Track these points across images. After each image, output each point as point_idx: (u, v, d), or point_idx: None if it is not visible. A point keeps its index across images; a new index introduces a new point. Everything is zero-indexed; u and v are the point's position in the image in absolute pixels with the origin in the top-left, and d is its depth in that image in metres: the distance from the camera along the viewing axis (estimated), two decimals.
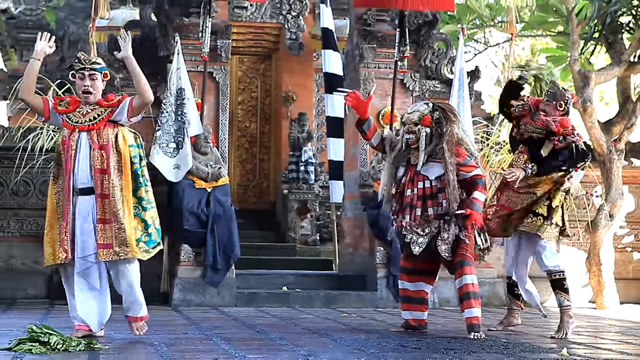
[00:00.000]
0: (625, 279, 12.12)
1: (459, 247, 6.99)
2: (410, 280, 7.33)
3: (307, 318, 8.58)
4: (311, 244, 14.70)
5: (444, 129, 6.99)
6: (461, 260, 6.97)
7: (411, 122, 7.10)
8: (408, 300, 7.35)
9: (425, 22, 11.55)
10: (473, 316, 6.90)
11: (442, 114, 7.05)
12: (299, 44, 15.52)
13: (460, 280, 6.97)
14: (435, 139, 7.02)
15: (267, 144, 16.26)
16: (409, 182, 7.09)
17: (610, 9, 11.60)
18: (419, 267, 7.29)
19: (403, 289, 7.40)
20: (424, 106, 7.20)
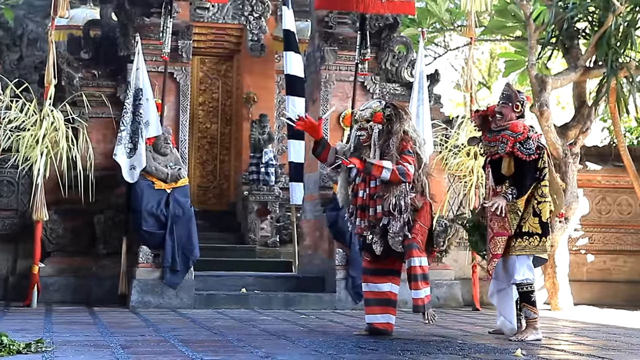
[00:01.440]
0: (579, 280, 12.26)
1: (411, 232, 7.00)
2: (374, 281, 7.27)
3: (265, 320, 8.61)
4: (271, 245, 14.72)
5: (393, 127, 7.00)
6: (410, 244, 6.97)
7: (363, 119, 7.10)
8: (372, 303, 7.26)
9: (386, 25, 11.63)
10: (419, 297, 6.99)
11: (393, 111, 7.06)
12: (261, 45, 15.53)
13: (408, 261, 7.00)
14: (385, 136, 7.02)
15: (227, 145, 16.25)
16: (361, 183, 7.11)
17: (567, 15, 11.74)
18: (382, 267, 7.25)
19: (366, 291, 7.32)
20: (377, 103, 7.21)
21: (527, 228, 7.05)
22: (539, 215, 7.07)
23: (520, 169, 7.05)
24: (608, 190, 12.82)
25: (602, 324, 9.22)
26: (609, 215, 12.78)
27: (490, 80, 24.06)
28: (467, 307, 11.01)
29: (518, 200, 7.00)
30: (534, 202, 7.08)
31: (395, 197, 6.92)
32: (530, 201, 7.08)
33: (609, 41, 11.50)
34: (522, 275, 7.07)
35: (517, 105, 7.20)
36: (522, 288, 7.11)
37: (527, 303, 7.11)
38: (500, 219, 7.03)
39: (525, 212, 7.07)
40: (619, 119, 12.35)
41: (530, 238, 7.05)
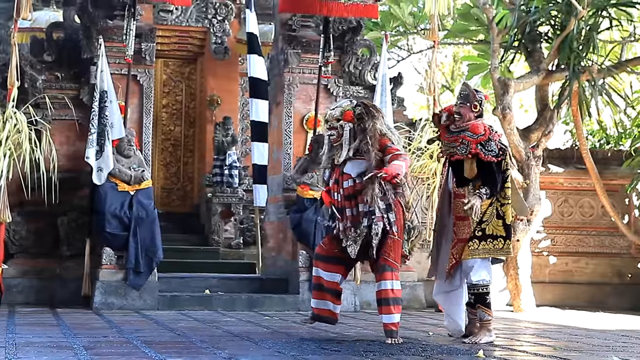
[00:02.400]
0: (541, 282, 12.37)
1: (383, 248, 6.81)
2: (326, 269, 7.04)
3: (229, 321, 8.60)
4: (234, 247, 14.73)
5: (366, 125, 6.84)
6: (383, 266, 6.80)
7: (333, 118, 6.97)
8: (321, 289, 7.07)
9: (349, 28, 11.66)
10: (392, 322, 6.79)
11: (364, 109, 6.91)
12: (225, 48, 15.53)
13: (380, 284, 6.82)
14: (358, 134, 6.87)
15: (191, 148, 16.24)
16: (334, 184, 6.97)
17: (530, 19, 11.84)
18: (336, 256, 7.03)
19: (318, 277, 7.08)
20: (347, 102, 7.08)
21: (491, 230, 6.97)
22: (503, 217, 7.00)
23: (487, 170, 6.98)
24: (570, 193, 12.93)
25: (564, 325, 9.30)
26: (571, 217, 12.89)
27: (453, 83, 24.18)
28: (430, 308, 11.07)
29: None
30: (496, 205, 7.00)
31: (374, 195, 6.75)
32: (492, 203, 6.99)
33: (571, 45, 11.60)
34: (480, 276, 6.99)
35: (475, 105, 7.11)
36: (477, 289, 7.03)
37: (482, 305, 7.01)
38: (465, 224, 7.00)
39: (488, 215, 6.98)
40: (581, 122, 12.47)
41: (494, 241, 6.97)
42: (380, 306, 6.87)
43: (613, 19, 12.18)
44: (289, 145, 11.30)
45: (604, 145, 15.10)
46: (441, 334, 7.64)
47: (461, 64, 23.57)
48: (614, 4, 12.02)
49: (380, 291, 6.84)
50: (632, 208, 12.97)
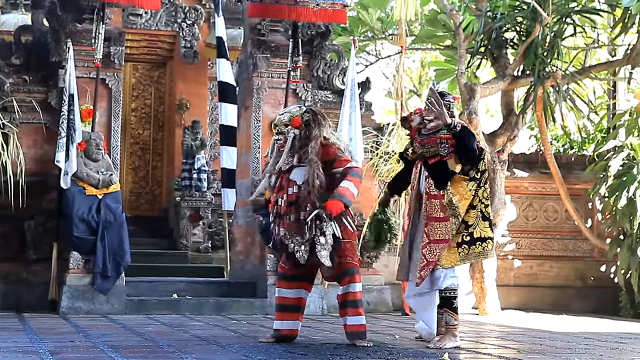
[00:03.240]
0: (506, 285, 12.46)
1: (341, 252, 6.79)
2: (290, 287, 7.01)
3: (196, 325, 8.63)
4: (203, 251, 14.74)
5: (311, 132, 6.82)
6: (350, 269, 6.83)
7: (281, 123, 6.92)
8: (284, 309, 7.02)
9: (318, 33, 11.72)
10: (361, 324, 6.83)
11: (312, 116, 6.87)
12: (194, 52, 15.56)
13: (348, 287, 6.83)
14: (303, 140, 6.84)
15: (160, 151, 16.24)
16: (280, 190, 6.91)
17: (496, 25, 11.96)
18: (299, 273, 6.99)
19: (281, 297, 7.05)
20: (296, 108, 7.06)
21: (479, 233, 6.90)
22: (488, 219, 6.95)
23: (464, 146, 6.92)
24: (535, 197, 13.04)
25: (528, 328, 9.40)
26: (535, 221, 13.01)
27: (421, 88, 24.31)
28: (397, 311, 11.14)
29: (459, 205, 6.87)
30: (480, 206, 6.94)
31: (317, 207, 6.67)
32: (476, 206, 6.92)
33: (536, 51, 11.73)
34: (451, 280, 6.95)
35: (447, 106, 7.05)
36: (447, 293, 6.99)
37: (449, 309, 6.97)
38: (442, 225, 6.90)
39: (474, 218, 6.89)
40: (546, 127, 12.60)
41: (483, 243, 6.91)
42: (346, 308, 6.87)
43: (577, 25, 12.32)
44: (257, 149, 11.33)
45: (567, 150, 15.26)
46: (407, 337, 7.71)
47: (428, 69, 23.69)
48: (578, 11, 12.17)
49: (348, 293, 6.85)
50: (595, 212, 13.12)
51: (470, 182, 6.94)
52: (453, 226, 6.87)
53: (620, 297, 12.30)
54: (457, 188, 6.92)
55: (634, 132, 11.86)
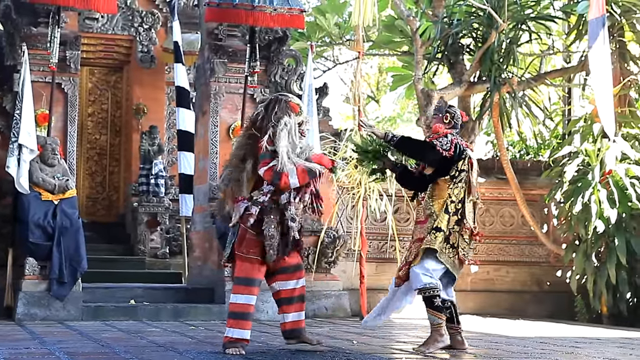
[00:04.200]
0: (463, 290, 12.49)
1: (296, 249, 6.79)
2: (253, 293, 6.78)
3: (154, 331, 8.58)
4: (160, 257, 14.67)
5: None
6: (300, 264, 6.84)
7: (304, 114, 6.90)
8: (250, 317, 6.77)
9: (275, 38, 11.73)
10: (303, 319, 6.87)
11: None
12: (151, 56, 15.49)
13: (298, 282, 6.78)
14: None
15: (117, 157, 16.15)
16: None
17: (452, 31, 12.05)
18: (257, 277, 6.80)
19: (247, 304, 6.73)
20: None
21: (435, 224, 6.85)
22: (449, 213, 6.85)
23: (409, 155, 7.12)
24: (492, 203, 13.12)
25: (485, 332, 9.45)
26: (492, 226, 13.09)
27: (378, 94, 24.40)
28: (355, 317, 11.14)
29: (434, 203, 6.92)
30: (448, 202, 6.89)
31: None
32: (446, 203, 6.90)
33: (492, 57, 11.83)
34: (425, 279, 6.86)
35: (446, 116, 7.10)
36: (425, 293, 6.90)
37: (430, 308, 6.93)
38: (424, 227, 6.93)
39: (440, 212, 6.89)
40: (502, 133, 12.71)
41: (437, 233, 6.82)
42: (299, 303, 6.83)
43: (532, 32, 12.45)
44: (215, 154, 11.31)
45: (523, 156, 15.38)
46: (365, 343, 7.72)
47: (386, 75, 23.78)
48: (534, 17, 12.30)
49: (302, 287, 6.85)
50: (551, 217, 13.23)
51: (448, 183, 6.96)
52: (428, 225, 6.93)
53: (575, 301, 12.42)
54: (435, 191, 7.00)
55: (588, 138, 11.98)
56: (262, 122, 6.66)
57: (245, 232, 6.59)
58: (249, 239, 6.59)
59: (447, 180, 6.95)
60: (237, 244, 6.65)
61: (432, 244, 6.85)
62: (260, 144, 6.53)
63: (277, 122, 6.57)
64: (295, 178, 6.49)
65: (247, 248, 6.60)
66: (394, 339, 8.31)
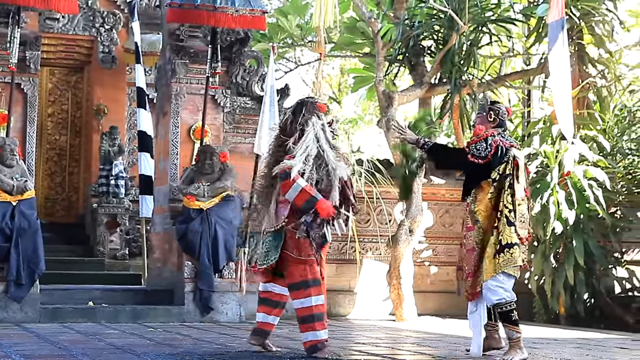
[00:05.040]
0: (423, 291, 12.55)
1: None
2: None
3: (112, 333, 8.53)
4: (120, 258, 14.59)
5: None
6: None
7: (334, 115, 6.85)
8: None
9: (237, 39, 11.71)
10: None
11: None
12: (112, 57, 15.41)
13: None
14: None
15: (77, 157, 16.05)
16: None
17: (413, 33, 12.10)
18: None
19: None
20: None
21: (506, 240, 6.61)
22: (514, 223, 6.65)
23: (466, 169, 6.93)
24: (451, 204, 13.16)
25: (444, 333, 9.50)
26: (452, 227, 13.13)
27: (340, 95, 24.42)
28: None
29: (477, 210, 6.73)
30: (505, 211, 6.66)
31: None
32: (502, 211, 6.65)
33: (453, 59, 11.90)
34: (499, 295, 6.67)
35: (490, 114, 6.89)
36: (500, 308, 6.71)
37: (508, 324, 6.71)
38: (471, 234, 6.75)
39: (502, 225, 6.63)
40: (462, 134, 12.78)
41: (511, 249, 6.61)
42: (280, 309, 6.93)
43: (493, 34, 12.54)
44: (175, 155, 11.27)
45: None
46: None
47: (348, 77, 23.82)
48: (494, 20, 12.39)
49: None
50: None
51: (491, 186, 6.75)
52: (476, 233, 6.74)
53: (533, 302, 12.50)
54: (478, 194, 6.79)
55: (547, 140, 12.08)
56: (291, 126, 6.60)
57: (294, 235, 6.49)
58: (303, 241, 6.48)
59: (490, 183, 6.76)
60: (292, 248, 6.52)
61: (513, 262, 6.62)
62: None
63: (305, 124, 6.50)
64: (294, 193, 6.39)
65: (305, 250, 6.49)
66: (353, 340, 8.33)
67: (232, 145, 11.58)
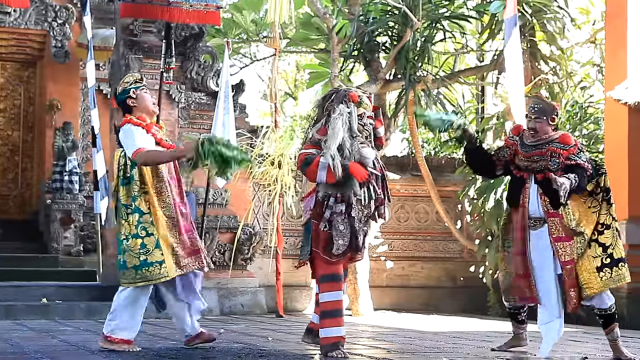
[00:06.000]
0: (379, 286, 12.63)
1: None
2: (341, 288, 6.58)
3: (66, 330, 8.48)
4: (75, 254, 14.49)
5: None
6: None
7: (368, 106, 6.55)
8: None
9: (191, 34, 11.67)
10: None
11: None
12: (65, 52, 15.28)
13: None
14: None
15: (30, 153, 15.91)
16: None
17: (368, 29, 12.13)
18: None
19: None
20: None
21: (619, 254, 6.50)
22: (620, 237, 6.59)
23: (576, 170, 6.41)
24: (407, 199, 13.24)
25: (400, 328, 9.56)
26: (407, 223, 13.21)
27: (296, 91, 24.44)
28: (271, 313, 11.17)
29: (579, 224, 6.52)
30: (615, 225, 6.56)
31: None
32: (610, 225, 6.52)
33: (408, 55, 11.94)
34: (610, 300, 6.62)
35: (552, 118, 6.64)
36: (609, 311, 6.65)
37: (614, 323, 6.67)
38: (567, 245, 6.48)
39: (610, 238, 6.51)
40: (417, 130, 12.84)
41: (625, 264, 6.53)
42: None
43: (447, 31, 12.61)
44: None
45: (438, 153, 15.56)
46: (281, 340, 7.74)
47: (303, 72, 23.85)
48: (448, 16, 12.45)
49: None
50: (464, 214, 13.41)
51: (589, 199, 6.57)
52: (578, 245, 6.50)
53: (488, 296, 12.61)
54: (575, 206, 6.56)
55: (501, 136, 12.18)
56: (319, 112, 6.51)
57: (317, 228, 6.39)
58: (324, 234, 6.37)
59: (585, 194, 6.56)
60: (314, 241, 6.41)
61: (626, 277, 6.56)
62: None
63: (332, 110, 6.35)
64: (324, 172, 6.20)
65: (322, 244, 6.36)
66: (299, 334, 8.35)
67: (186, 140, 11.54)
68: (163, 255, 6.47)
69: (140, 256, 6.46)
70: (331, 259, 6.31)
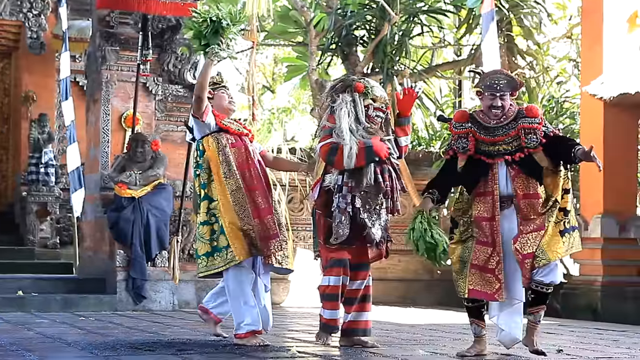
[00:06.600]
0: None
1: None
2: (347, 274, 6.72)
3: (42, 322, 8.45)
4: (51, 247, 14.44)
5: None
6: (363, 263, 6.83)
7: (384, 100, 6.56)
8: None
9: (168, 26, 11.63)
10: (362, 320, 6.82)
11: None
12: (40, 43, 15.19)
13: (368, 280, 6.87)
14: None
15: (5, 145, 15.83)
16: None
17: (346, 23, 12.16)
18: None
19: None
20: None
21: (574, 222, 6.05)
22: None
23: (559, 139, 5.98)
24: None
25: (377, 320, 9.51)
26: None
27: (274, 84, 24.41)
28: None
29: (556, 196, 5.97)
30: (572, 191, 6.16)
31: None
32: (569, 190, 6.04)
33: (385, 49, 11.98)
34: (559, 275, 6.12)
35: (515, 93, 6.09)
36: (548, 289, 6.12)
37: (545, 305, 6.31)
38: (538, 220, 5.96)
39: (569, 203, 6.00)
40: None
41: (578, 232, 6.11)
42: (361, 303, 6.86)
43: (424, 25, 12.66)
44: (107, 143, 11.16)
45: (415, 147, 15.59)
46: None
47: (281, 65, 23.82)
48: (425, 11, 12.51)
49: (367, 287, 6.91)
50: (441, 207, 13.44)
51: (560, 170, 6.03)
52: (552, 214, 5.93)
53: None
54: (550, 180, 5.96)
55: None
56: (325, 100, 6.57)
57: (320, 217, 6.52)
58: (325, 223, 6.48)
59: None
60: (318, 231, 6.56)
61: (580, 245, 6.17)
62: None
63: (337, 99, 6.40)
64: (353, 158, 6.26)
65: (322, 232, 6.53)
66: (286, 328, 8.38)
67: (164, 133, 11.51)
68: (228, 240, 6.41)
69: (211, 242, 6.48)
70: (332, 246, 6.44)
